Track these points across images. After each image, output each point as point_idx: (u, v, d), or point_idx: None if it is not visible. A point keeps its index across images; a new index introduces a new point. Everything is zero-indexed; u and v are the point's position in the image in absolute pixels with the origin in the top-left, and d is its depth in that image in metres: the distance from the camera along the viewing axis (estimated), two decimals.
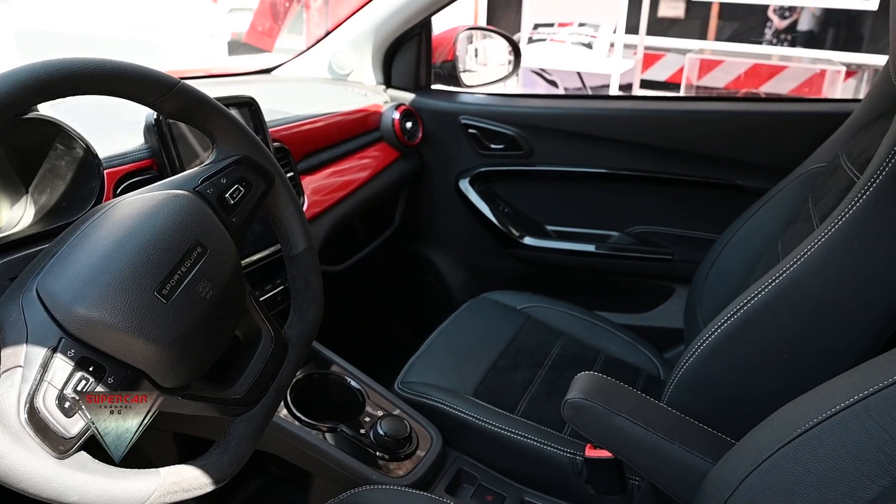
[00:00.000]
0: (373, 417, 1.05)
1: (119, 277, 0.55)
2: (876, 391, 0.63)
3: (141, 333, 0.55)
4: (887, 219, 0.88)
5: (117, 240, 0.57)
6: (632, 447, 0.84)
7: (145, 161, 0.87)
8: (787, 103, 1.92)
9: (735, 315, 0.95)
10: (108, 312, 0.54)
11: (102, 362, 0.54)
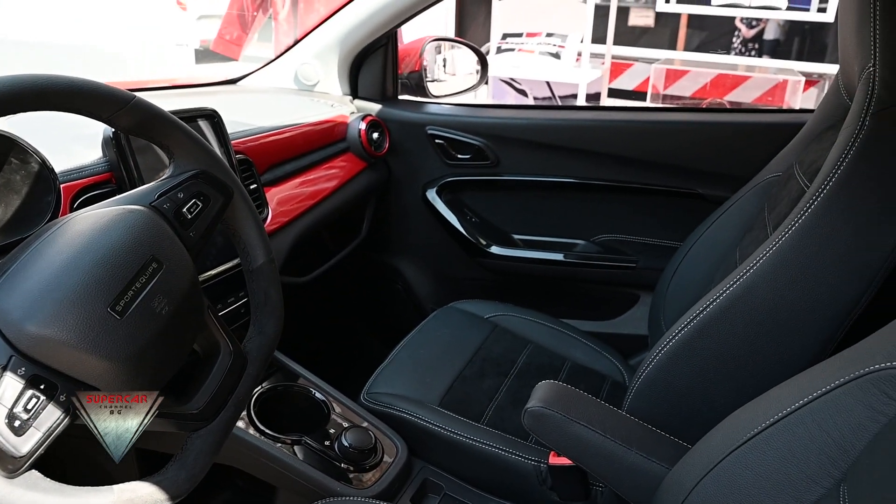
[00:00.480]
0: (338, 429, 1.05)
1: (72, 294, 0.55)
2: (818, 396, 0.65)
3: (94, 350, 0.55)
4: (833, 228, 0.91)
5: (71, 256, 0.57)
6: (590, 454, 0.86)
7: (104, 175, 0.86)
8: (747, 114, 1.97)
9: (691, 323, 0.97)
10: (59, 330, 0.54)
11: (54, 380, 0.54)
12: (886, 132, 0.91)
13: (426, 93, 1.76)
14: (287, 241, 1.22)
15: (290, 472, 0.94)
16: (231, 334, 0.72)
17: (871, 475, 0.57)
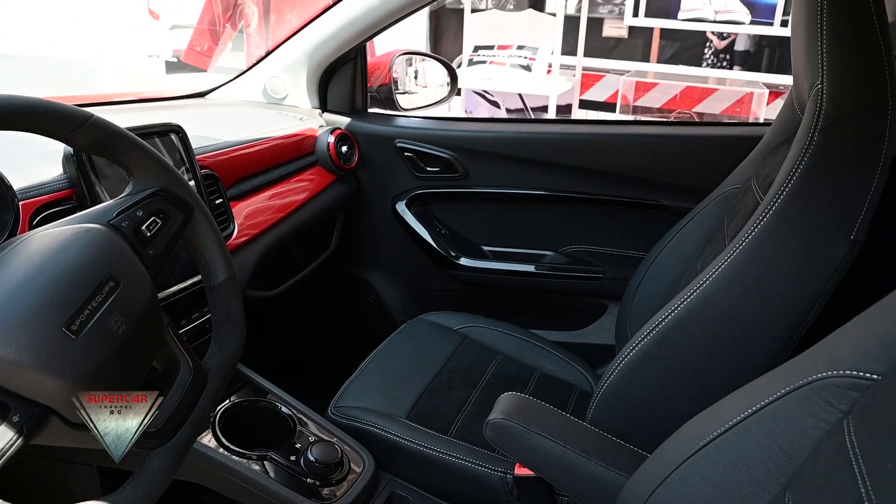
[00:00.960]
0: (304, 443, 1.05)
1: (26, 314, 0.55)
2: (766, 405, 0.67)
3: (48, 370, 0.55)
4: (785, 240, 0.94)
5: (25, 276, 0.57)
6: (551, 465, 0.87)
7: (64, 192, 0.86)
8: (709, 127, 2.01)
9: (651, 333, 0.99)
10: (13, 350, 0.54)
11: (7, 400, 0.54)
12: (834, 148, 0.94)
13: (396, 106, 1.78)
14: (254, 255, 1.22)
15: (255, 488, 0.95)
16: (191, 351, 0.73)
17: (810, 482, 0.59)
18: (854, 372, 0.60)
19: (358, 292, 1.82)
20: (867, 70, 0.94)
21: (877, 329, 0.60)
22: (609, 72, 4.66)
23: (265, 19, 2.74)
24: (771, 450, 0.66)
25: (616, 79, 4.47)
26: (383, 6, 1.49)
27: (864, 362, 0.60)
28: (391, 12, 1.51)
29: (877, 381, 0.58)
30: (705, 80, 4.38)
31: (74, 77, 3.51)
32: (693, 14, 3.92)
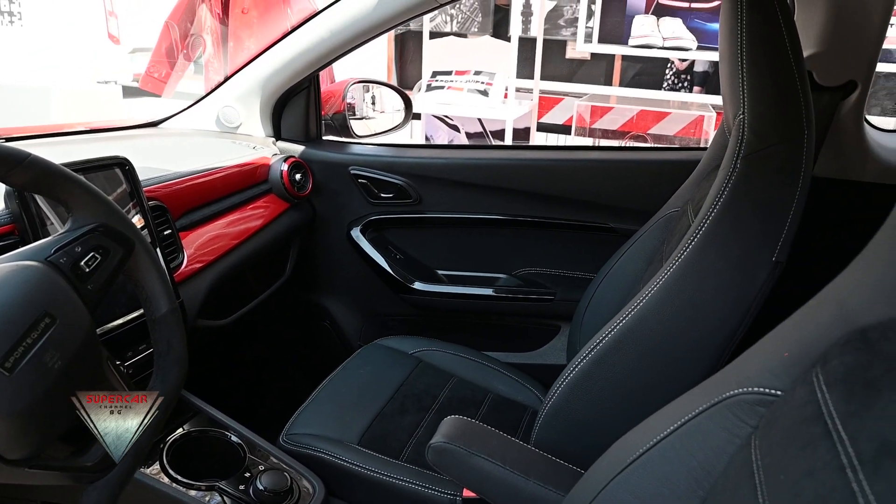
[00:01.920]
0: (254, 472, 1.06)
1: None
2: (686, 421, 0.71)
3: None
4: (712, 262, 0.98)
5: None
6: (491, 485, 0.89)
7: (6, 227, 0.87)
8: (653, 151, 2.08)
9: (589, 354, 1.03)
10: None
11: None
12: (755, 175, 0.99)
13: (350, 133, 1.81)
14: (204, 284, 1.23)
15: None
16: (131, 385, 0.74)
17: (722, 494, 0.62)
18: (760, 389, 0.64)
19: (314, 318, 1.83)
20: (784, 102, 1.00)
21: (779, 346, 0.64)
22: (567, 95, 4.76)
23: (223, 46, 2.76)
24: (691, 465, 0.69)
25: (574, 102, 4.58)
26: (333, 39, 1.53)
27: (770, 379, 0.64)
28: (341, 44, 1.55)
29: (779, 396, 0.62)
30: (659, 103, 4.51)
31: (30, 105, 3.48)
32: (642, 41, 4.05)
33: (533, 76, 4.34)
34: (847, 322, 0.56)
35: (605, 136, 4.40)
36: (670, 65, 4.89)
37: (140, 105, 4.10)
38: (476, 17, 5.28)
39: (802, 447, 0.53)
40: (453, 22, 5.32)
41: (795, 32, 1.02)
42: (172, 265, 1.16)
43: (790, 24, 1.01)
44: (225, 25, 2.66)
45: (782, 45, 1.00)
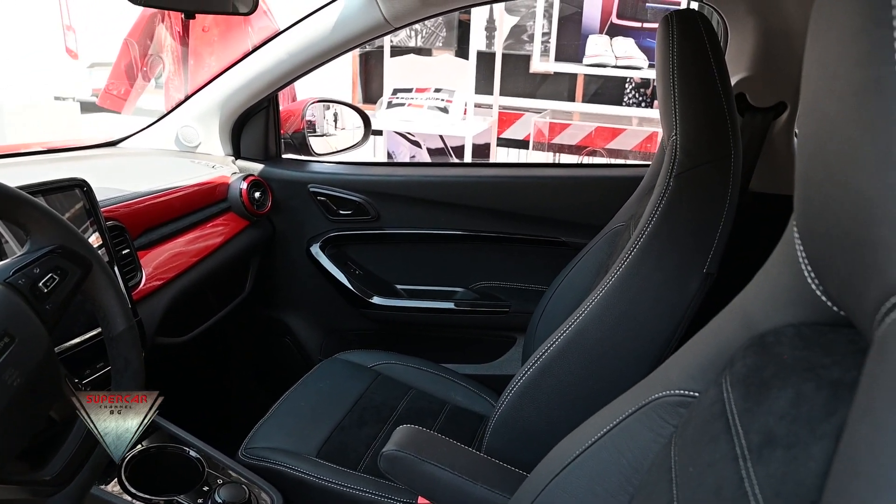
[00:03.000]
0: (212, 486, 1.08)
1: None
2: (617, 424, 0.76)
3: None
4: (648, 275, 1.05)
5: None
6: (441, 490, 0.93)
7: None
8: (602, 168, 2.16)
9: (536, 363, 1.08)
10: None
11: None
12: (686, 192, 1.06)
13: (309, 151, 1.85)
14: (162, 302, 1.26)
15: None
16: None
17: (645, 489, 0.68)
18: (681, 391, 0.70)
19: (275, 334, 1.86)
20: (713, 124, 1.08)
21: (697, 353, 0.70)
22: (528, 111, 4.86)
23: (184, 64, 2.77)
24: (621, 464, 0.74)
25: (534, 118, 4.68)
26: (291, 60, 1.57)
27: (689, 382, 0.69)
28: (299, 65, 1.59)
29: (696, 398, 0.68)
30: (617, 119, 4.63)
31: None
32: (596, 59, 4.18)
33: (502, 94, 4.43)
34: (749, 329, 0.62)
35: (563, 151, 4.50)
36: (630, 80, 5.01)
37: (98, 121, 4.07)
38: (440, 33, 5.36)
39: (708, 442, 0.58)
40: (417, 37, 5.38)
41: (723, 59, 1.10)
42: (131, 284, 1.18)
43: (717, 51, 1.08)
44: (185, 44, 2.67)
45: (710, 71, 1.07)
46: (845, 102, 0.41)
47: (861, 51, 0.39)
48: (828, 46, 0.43)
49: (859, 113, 0.40)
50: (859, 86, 0.39)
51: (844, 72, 0.41)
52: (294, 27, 1.58)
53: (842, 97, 0.42)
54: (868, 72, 0.39)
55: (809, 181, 0.47)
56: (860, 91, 0.39)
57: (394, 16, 1.51)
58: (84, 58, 5.22)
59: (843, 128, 0.42)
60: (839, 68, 0.42)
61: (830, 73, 0.43)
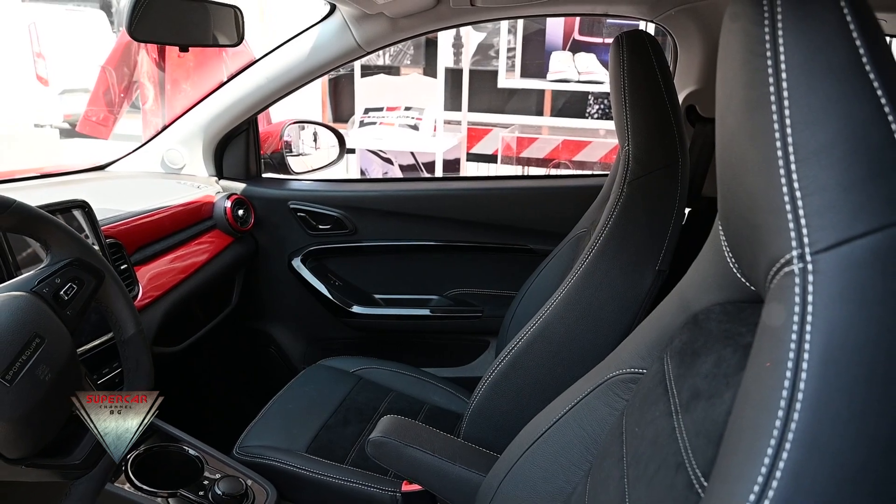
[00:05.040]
0: (211, 480, 1.16)
1: None
2: (578, 401, 0.87)
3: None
4: (605, 273, 1.16)
5: None
6: (422, 471, 1.03)
7: None
8: (564, 179, 2.29)
9: (506, 357, 1.19)
10: None
11: None
12: (638, 197, 1.18)
13: (288, 170, 1.94)
14: (157, 314, 1.34)
15: None
16: None
17: (601, 454, 0.79)
18: (631, 369, 0.81)
19: (260, 344, 1.94)
20: (661, 135, 1.20)
21: (644, 335, 0.81)
22: (496, 126, 5.00)
23: (161, 89, 2.84)
24: (581, 436, 0.85)
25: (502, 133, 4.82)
26: (270, 85, 1.67)
27: (637, 360, 0.81)
28: (278, 89, 1.69)
29: (643, 373, 0.79)
30: (584, 132, 4.79)
31: None
32: (559, 75, 4.35)
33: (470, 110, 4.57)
34: (686, 310, 0.73)
35: (531, 164, 4.64)
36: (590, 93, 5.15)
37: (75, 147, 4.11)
38: (408, 51, 5.48)
39: (650, 405, 0.69)
40: (386, 55, 5.49)
41: (669, 75, 1.22)
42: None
43: (664, 68, 1.20)
44: (162, 70, 2.75)
45: (657, 86, 1.19)
46: (738, 117, 0.53)
47: (746, 76, 0.51)
48: (726, 70, 0.55)
49: (747, 125, 0.51)
50: (746, 104, 0.51)
51: (737, 92, 0.53)
52: (272, 53, 1.68)
53: (735, 112, 0.53)
54: (751, 93, 0.50)
55: (722, 181, 0.59)
56: (747, 108, 0.51)
57: (366, 41, 1.62)
58: (54, 84, 5.24)
59: (738, 137, 0.53)
60: (734, 88, 0.53)
61: (728, 92, 0.55)
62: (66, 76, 5.22)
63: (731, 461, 0.46)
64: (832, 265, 0.44)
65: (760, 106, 0.49)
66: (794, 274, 0.46)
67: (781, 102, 0.47)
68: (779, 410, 0.43)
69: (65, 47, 5.30)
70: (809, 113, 0.46)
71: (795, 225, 0.46)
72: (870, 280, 0.44)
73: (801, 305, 0.45)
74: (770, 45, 0.48)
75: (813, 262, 0.45)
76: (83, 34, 5.52)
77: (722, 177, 0.59)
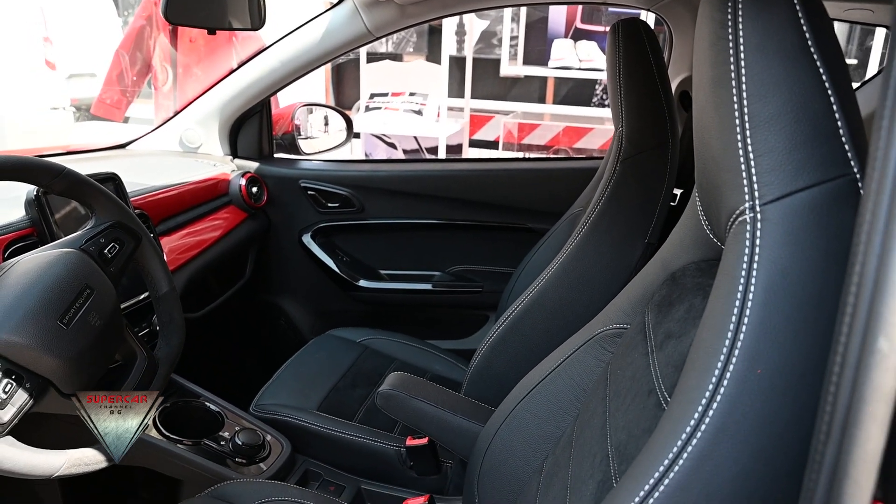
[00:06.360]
0: (231, 432, 1.26)
1: (31, 312, 0.77)
2: (569, 356, 0.96)
3: (48, 351, 0.77)
4: (599, 245, 1.25)
5: (27, 285, 0.79)
6: (427, 421, 1.13)
7: (27, 230, 1.06)
8: (562, 161, 2.37)
9: (505, 322, 1.28)
10: (23, 337, 0.75)
11: (21, 372, 0.75)
12: (630, 175, 1.27)
13: (298, 151, 2.03)
14: (181, 281, 1.43)
15: (192, 466, 1.15)
16: (146, 345, 0.95)
17: (588, 400, 0.88)
18: (617, 325, 0.91)
19: (271, 316, 2.03)
20: (653, 118, 1.28)
21: (629, 294, 0.91)
22: (498, 113, 5.08)
23: (173, 73, 2.93)
24: (571, 385, 0.95)
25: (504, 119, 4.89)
26: (283, 68, 1.75)
27: (623, 317, 0.90)
28: (290, 72, 1.77)
29: (627, 328, 0.88)
30: (586, 119, 4.85)
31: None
32: (560, 63, 4.42)
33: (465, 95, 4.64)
34: (666, 269, 0.83)
35: (532, 151, 4.72)
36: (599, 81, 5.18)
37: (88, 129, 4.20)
38: (411, 39, 5.54)
39: (631, 350, 0.79)
40: (388, 43, 5.56)
41: (662, 61, 1.30)
42: None
43: (658, 55, 1.28)
44: (174, 55, 2.83)
45: (651, 71, 1.27)
46: (706, 91, 0.62)
47: (713, 55, 0.60)
48: (698, 51, 0.64)
49: (712, 98, 0.60)
50: (712, 80, 0.60)
51: (706, 70, 0.62)
52: (285, 38, 1.76)
53: (704, 87, 0.62)
54: (716, 70, 0.59)
55: (696, 150, 0.68)
56: (713, 83, 0.60)
57: (375, 26, 1.70)
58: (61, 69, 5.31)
59: (706, 109, 0.62)
60: (703, 67, 0.62)
61: (700, 70, 0.64)
62: (72, 61, 5.29)
63: (688, 376, 0.55)
64: (777, 214, 0.54)
65: (723, 81, 0.58)
66: (746, 222, 0.55)
67: (740, 78, 0.56)
68: (728, 332, 0.52)
69: (71, 32, 5.36)
70: (762, 87, 0.55)
71: (748, 181, 0.55)
72: (806, 226, 0.53)
73: (749, 247, 0.54)
74: (731, 29, 0.57)
75: (762, 212, 0.54)
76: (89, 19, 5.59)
77: (696, 145, 0.68)
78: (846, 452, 0.35)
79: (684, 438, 0.52)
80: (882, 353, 0.34)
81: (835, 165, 0.53)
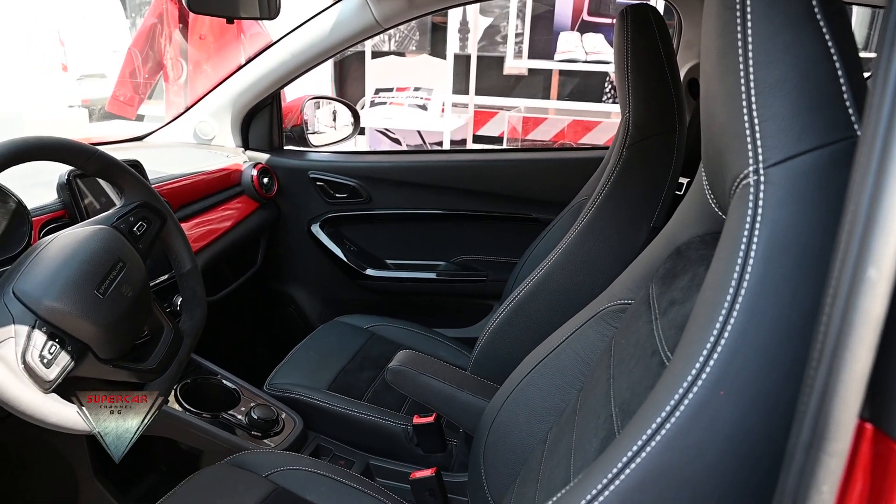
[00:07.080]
0: (247, 407, 1.32)
1: (71, 281, 0.82)
2: (574, 331, 1.01)
3: (87, 318, 0.82)
4: (603, 229, 1.30)
5: (67, 257, 0.85)
6: (434, 396, 1.18)
7: (59, 211, 1.12)
8: (567, 151, 2.42)
9: (510, 304, 1.33)
10: (64, 304, 0.81)
11: (63, 336, 0.80)
12: (637, 160, 1.31)
13: (307, 143, 2.08)
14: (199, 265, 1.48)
15: (211, 436, 1.20)
16: (171, 318, 1.00)
17: (592, 373, 0.93)
18: (621, 301, 0.95)
19: (280, 304, 2.08)
20: (661, 104, 1.30)
21: (634, 271, 0.95)
22: (502, 109, 5.11)
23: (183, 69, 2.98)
24: (576, 360, 0.99)
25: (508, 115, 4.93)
26: (293, 61, 1.80)
27: (627, 293, 0.94)
28: (301, 64, 1.82)
29: (631, 304, 0.93)
30: (594, 114, 4.83)
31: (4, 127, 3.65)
32: (566, 56, 4.41)
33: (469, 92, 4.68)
34: (671, 244, 0.87)
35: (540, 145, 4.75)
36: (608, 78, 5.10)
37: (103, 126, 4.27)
38: (414, 36, 5.57)
39: (635, 320, 0.83)
40: (391, 41, 5.59)
41: (671, 48, 1.31)
42: None
43: (666, 41, 1.30)
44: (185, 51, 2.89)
45: (659, 57, 1.28)
46: (713, 61, 0.64)
47: (720, 25, 0.62)
48: (706, 23, 0.67)
49: (718, 68, 0.63)
50: (719, 49, 0.63)
51: (713, 41, 0.64)
52: (296, 31, 1.81)
53: (711, 58, 0.65)
54: (723, 40, 0.62)
55: (703, 120, 0.70)
56: (719, 53, 0.63)
57: (384, 17, 1.74)
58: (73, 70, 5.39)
59: (712, 78, 0.65)
60: (711, 38, 0.65)
61: (707, 42, 0.67)
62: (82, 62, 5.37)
63: (690, 332, 0.59)
64: (780, 176, 0.56)
65: (730, 50, 0.60)
66: (750, 185, 0.57)
67: (747, 46, 0.58)
68: (730, 288, 0.56)
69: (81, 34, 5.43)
70: (768, 54, 0.57)
71: (753, 146, 0.58)
72: (808, 188, 0.56)
73: (752, 208, 0.57)
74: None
75: (765, 174, 0.57)
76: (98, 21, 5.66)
77: (703, 117, 0.70)
78: (835, 374, 0.38)
79: (685, 386, 0.55)
80: (871, 281, 0.37)
81: (837, 129, 0.54)
